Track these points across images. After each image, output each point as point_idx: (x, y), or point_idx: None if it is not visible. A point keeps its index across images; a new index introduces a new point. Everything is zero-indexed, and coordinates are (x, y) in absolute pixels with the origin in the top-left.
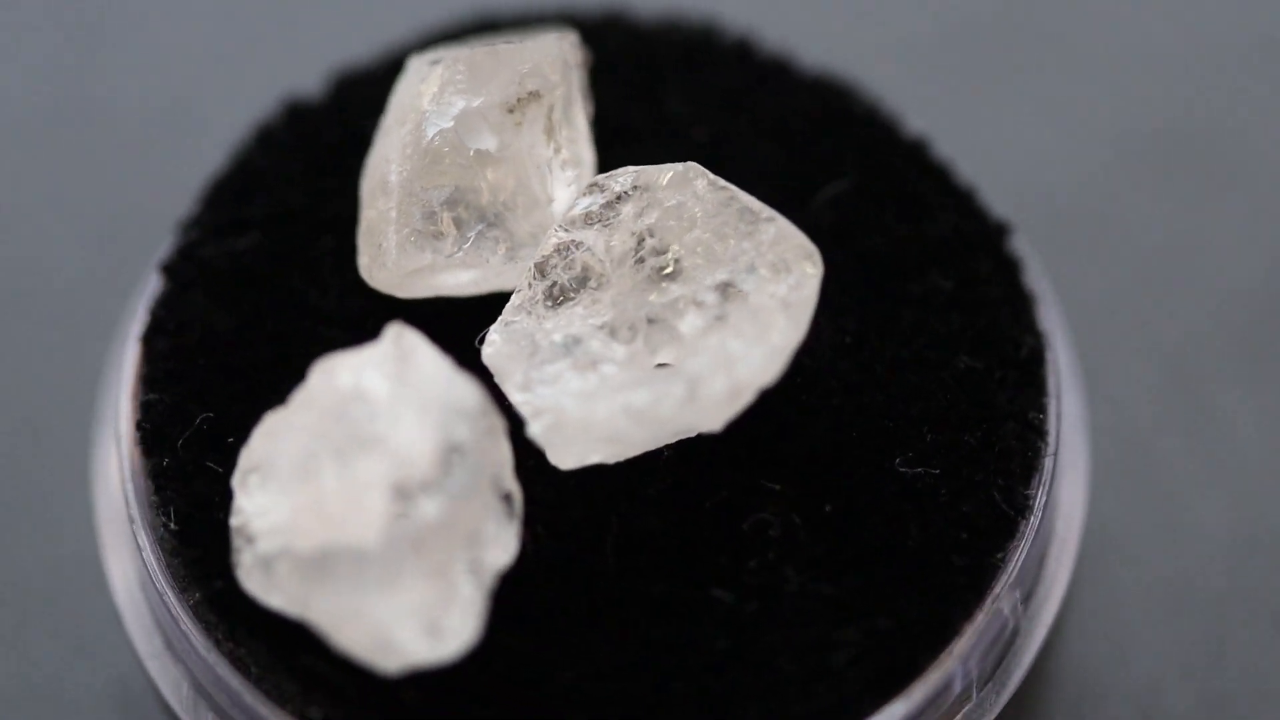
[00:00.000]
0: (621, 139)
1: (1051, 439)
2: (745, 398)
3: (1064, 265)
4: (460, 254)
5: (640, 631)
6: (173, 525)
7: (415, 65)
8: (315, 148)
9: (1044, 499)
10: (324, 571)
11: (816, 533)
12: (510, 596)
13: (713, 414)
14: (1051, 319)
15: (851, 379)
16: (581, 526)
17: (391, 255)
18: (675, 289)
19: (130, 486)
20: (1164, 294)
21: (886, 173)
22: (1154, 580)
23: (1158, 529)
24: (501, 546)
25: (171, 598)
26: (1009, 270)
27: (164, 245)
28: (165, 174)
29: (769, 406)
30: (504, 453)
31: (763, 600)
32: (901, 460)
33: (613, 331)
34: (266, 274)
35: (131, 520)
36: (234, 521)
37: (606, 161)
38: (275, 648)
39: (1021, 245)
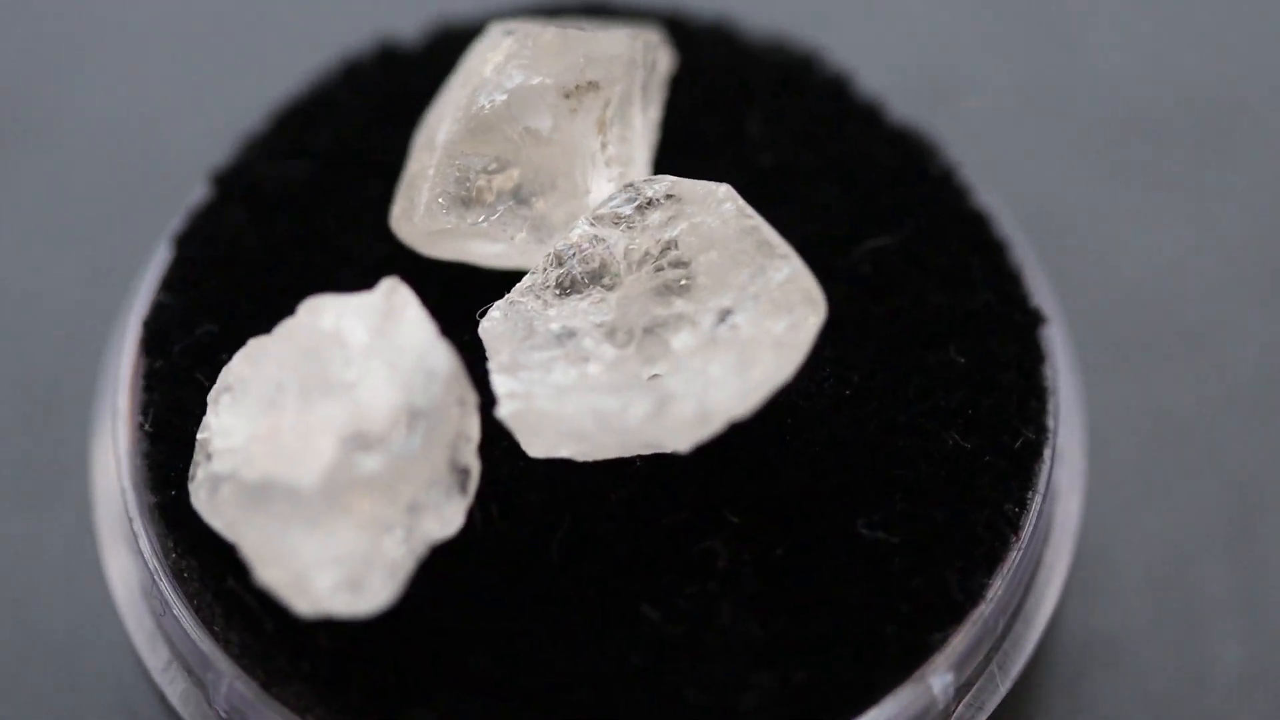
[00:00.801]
0: (689, 148)
1: (1024, 535)
2: (714, 425)
3: (1130, 371)
4: (485, 224)
5: (562, 632)
6: (147, 427)
7: (493, 31)
8: (396, 92)
9: (999, 592)
10: (260, 502)
11: (761, 573)
12: (445, 569)
13: (678, 435)
14: (1067, 418)
15: (841, 432)
16: (535, 516)
17: (419, 211)
18: (680, 304)
19: (122, 382)
20: (1232, 415)
21: (939, 238)
22: (1150, 700)
23: (1165, 650)
24: (443, 518)
25: (130, 496)
26: (1030, 360)
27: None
28: (254, 92)
29: (751, 439)
30: (469, 427)
31: (689, 627)
32: (865, 522)
33: (610, 333)
34: (308, 204)
35: (114, 412)
36: (200, 436)
37: (666, 166)
38: (210, 567)
39: (1059, 338)
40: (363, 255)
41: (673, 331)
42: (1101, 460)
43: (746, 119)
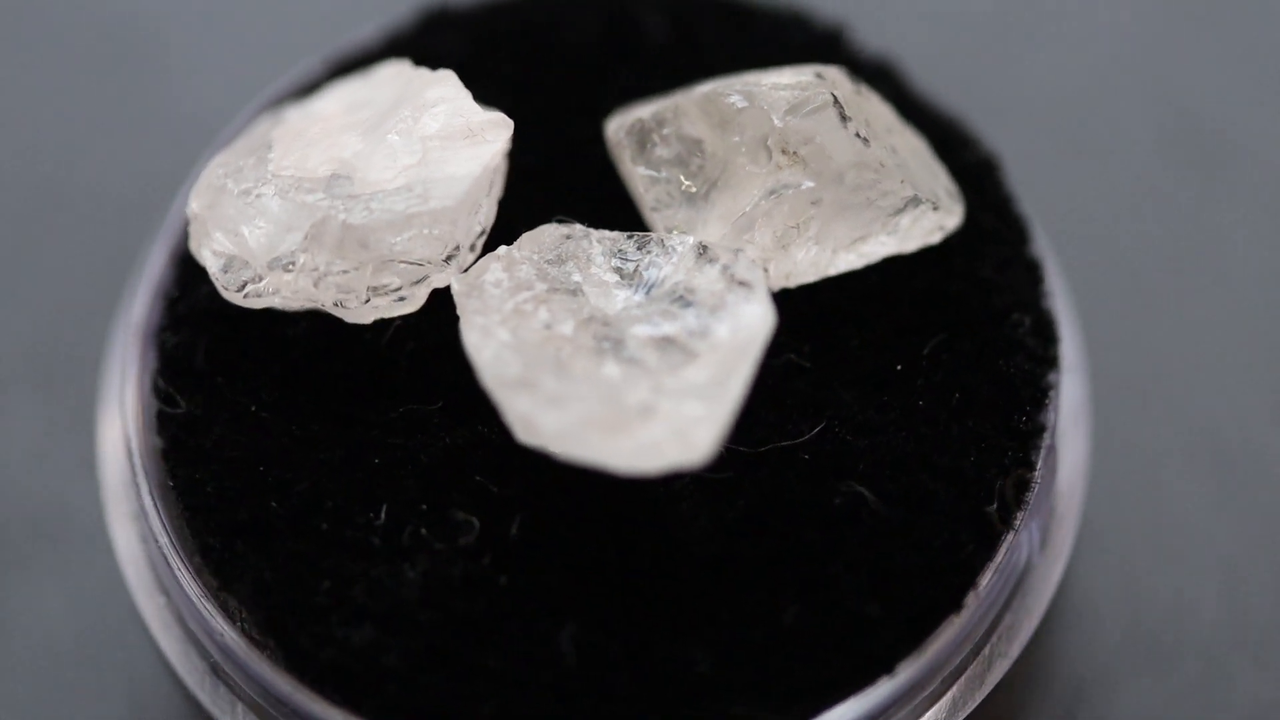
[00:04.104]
0: (861, 304)
1: None
2: (532, 437)
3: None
4: (646, 174)
5: (321, 459)
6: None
7: (818, 71)
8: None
9: None
10: (248, 156)
11: (473, 576)
12: (320, 360)
13: (511, 417)
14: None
15: (674, 555)
16: (424, 384)
17: (620, 120)
18: (651, 356)
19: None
20: None
21: (936, 520)
22: None
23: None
24: (361, 305)
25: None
26: (900, 651)
27: None
28: None
29: (608, 493)
30: (446, 266)
31: (388, 551)
32: (571, 632)
33: (600, 322)
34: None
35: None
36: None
37: (831, 293)
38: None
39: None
40: (583, 131)
41: (620, 363)
42: None
43: (932, 339)
